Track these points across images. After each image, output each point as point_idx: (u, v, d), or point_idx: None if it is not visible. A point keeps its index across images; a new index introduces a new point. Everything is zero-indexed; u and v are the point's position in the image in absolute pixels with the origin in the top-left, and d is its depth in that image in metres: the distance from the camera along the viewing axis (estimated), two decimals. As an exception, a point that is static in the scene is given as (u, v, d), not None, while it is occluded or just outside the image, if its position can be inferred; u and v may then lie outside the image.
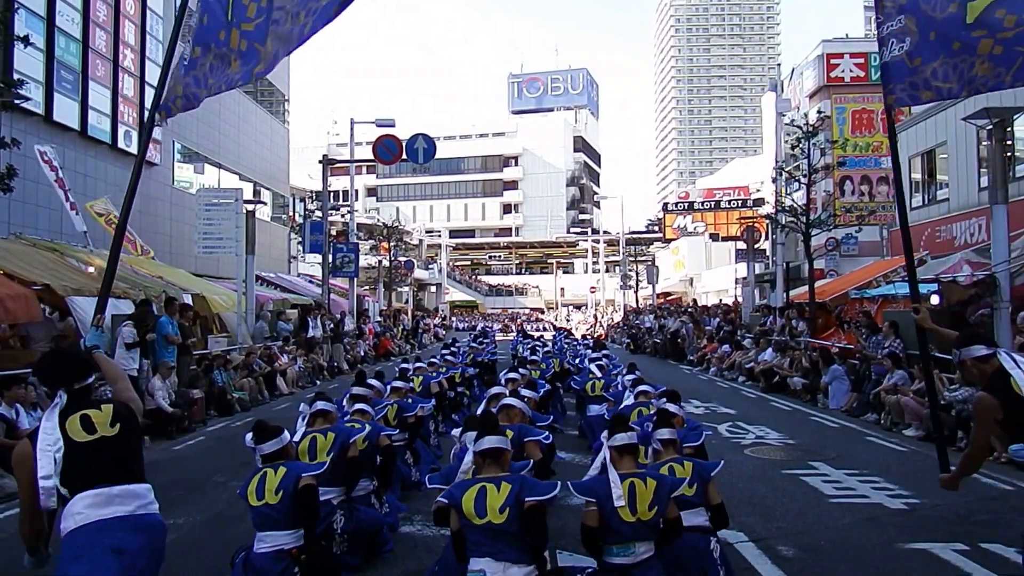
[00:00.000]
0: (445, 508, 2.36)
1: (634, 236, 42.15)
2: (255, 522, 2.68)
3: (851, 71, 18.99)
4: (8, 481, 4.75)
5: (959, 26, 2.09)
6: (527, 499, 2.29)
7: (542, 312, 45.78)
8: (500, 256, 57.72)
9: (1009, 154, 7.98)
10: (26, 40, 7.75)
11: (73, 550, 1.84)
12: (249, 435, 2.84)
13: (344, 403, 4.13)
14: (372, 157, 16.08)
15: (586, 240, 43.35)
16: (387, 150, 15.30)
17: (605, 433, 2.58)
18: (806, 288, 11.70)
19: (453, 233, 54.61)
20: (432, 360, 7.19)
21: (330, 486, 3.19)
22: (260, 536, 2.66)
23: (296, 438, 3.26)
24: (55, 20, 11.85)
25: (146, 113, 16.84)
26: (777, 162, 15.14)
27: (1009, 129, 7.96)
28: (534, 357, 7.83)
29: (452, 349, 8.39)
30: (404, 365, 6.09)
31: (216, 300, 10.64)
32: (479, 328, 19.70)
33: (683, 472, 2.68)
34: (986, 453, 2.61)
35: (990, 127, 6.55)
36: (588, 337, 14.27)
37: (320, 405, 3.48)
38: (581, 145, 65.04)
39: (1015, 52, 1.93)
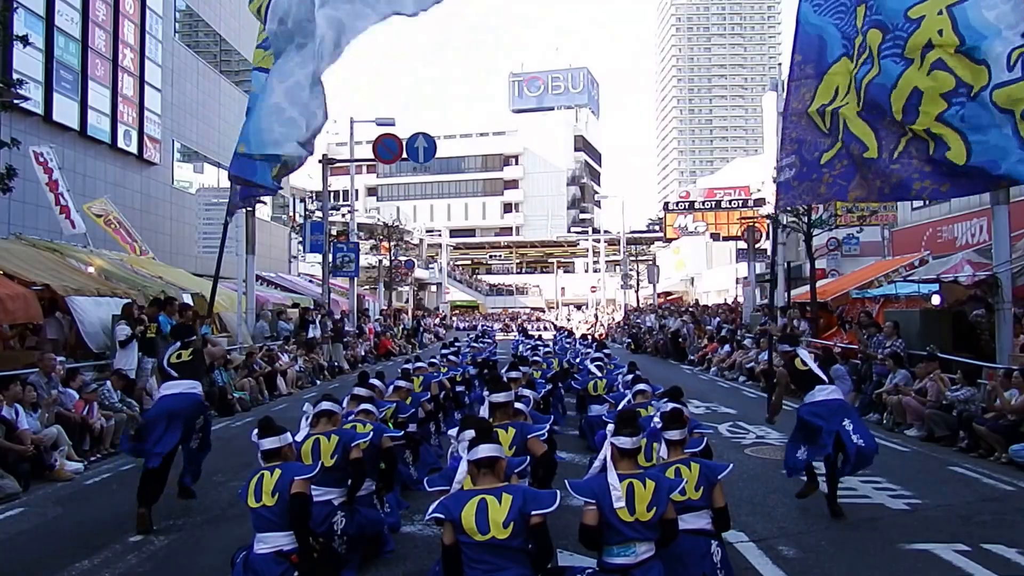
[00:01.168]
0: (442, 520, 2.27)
1: (635, 235, 42.11)
2: (254, 523, 2.68)
3: (852, 70, 18.81)
4: (8, 482, 4.75)
5: (817, 167, 3.75)
6: (533, 512, 2.22)
7: (543, 312, 45.71)
8: (500, 255, 57.64)
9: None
10: (25, 40, 7.74)
11: (155, 403, 4.36)
12: (256, 430, 2.85)
13: (345, 403, 4.13)
14: (372, 156, 16.06)
15: (587, 239, 43.33)
16: (387, 149, 15.27)
17: (610, 428, 2.53)
18: (807, 288, 11.68)
19: (453, 232, 54.55)
20: (432, 360, 7.18)
21: (331, 487, 3.18)
22: (259, 537, 2.66)
23: (299, 439, 3.24)
24: (54, 20, 11.84)
25: (146, 112, 16.88)
26: (778, 162, 15.03)
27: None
28: (535, 357, 7.81)
29: (453, 349, 8.38)
30: (406, 365, 6.09)
31: (216, 300, 10.61)
32: (479, 328, 19.65)
33: (689, 475, 2.64)
34: (781, 400, 4.57)
35: (992, 127, 6.49)
36: (588, 337, 14.25)
37: (325, 406, 3.46)
38: (582, 144, 64.97)
39: (845, 177, 3.55)
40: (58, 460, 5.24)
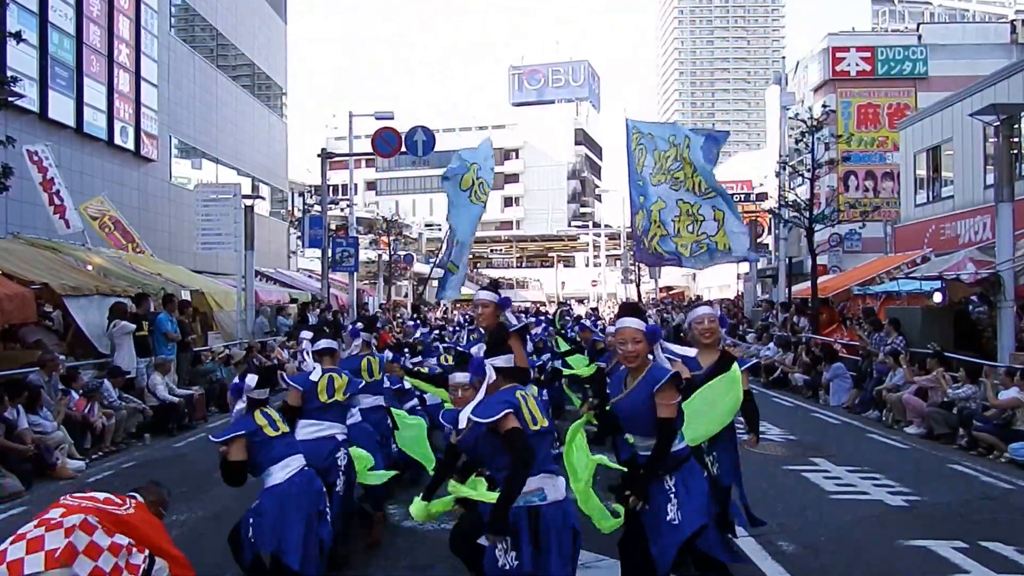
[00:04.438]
0: (504, 420, 2.12)
1: (635, 230, 41.79)
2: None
3: (857, 65, 18.77)
4: (11, 481, 4.76)
5: (647, 254, 5.89)
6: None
7: (543, 305, 45.74)
8: (501, 249, 57.56)
9: (1016, 151, 7.91)
10: (19, 36, 7.64)
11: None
12: (251, 378, 2.88)
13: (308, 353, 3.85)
14: (371, 150, 15.97)
15: (587, 234, 43.22)
16: (386, 143, 15.13)
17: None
18: (808, 284, 11.65)
19: (453, 227, 54.30)
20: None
21: (334, 421, 3.36)
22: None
23: (314, 377, 3.39)
24: (48, 16, 11.71)
25: (142, 108, 16.75)
26: (781, 156, 15.03)
27: (1016, 126, 7.88)
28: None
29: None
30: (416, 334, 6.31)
31: (212, 299, 10.60)
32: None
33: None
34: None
35: (997, 123, 6.47)
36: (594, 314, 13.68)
37: (324, 344, 3.59)
38: (582, 138, 64.61)
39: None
40: (60, 459, 5.26)
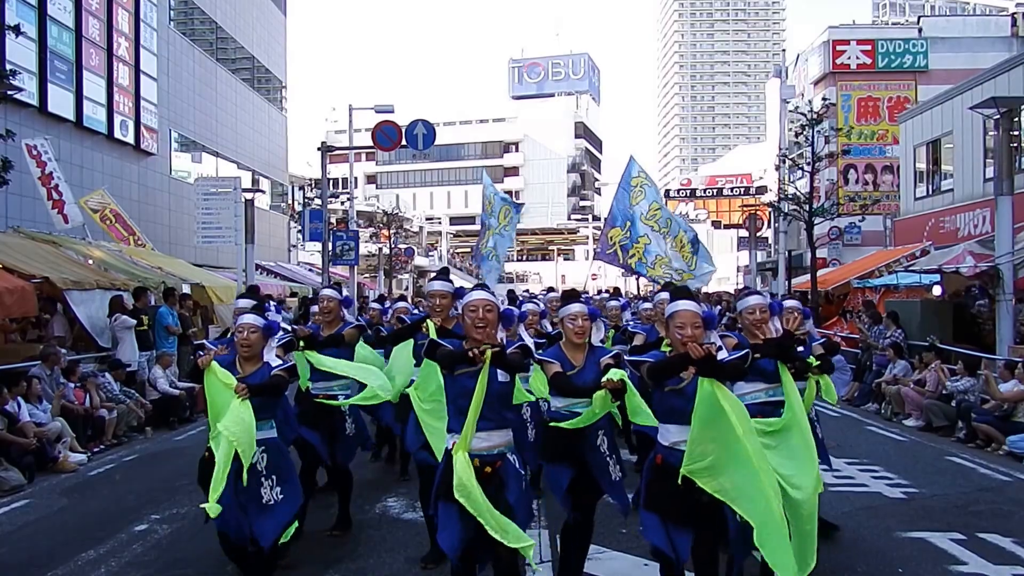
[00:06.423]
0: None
1: (635, 224, 41.79)
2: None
3: (857, 58, 18.66)
4: (13, 474, 4.79)
5: (615, 255, 6.53)
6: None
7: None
8: (501, 244, 57.36)
9: (1015, 145, 7.89)
10: (17, 29, 7.59)
11: None
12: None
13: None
14: (371, 144, 15.89)
15: (587, 227, 43.18)
16: (386, 136, 15.06)
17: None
18: (808, 277, 11.66)
19: (453, 220, 54.27)
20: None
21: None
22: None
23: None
24: (47, 9, 11.61)
25: (142, 102, 16.61)
26: (781, 150, 15.00)
27: (1016, 119, 7.85)
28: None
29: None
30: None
31: (213, 293, 10.60)
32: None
33: None
34: None
35: (997, 117, 6.45)
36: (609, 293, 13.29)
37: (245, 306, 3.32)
38: (582, 131, 64.35)
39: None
40: (62, 452, 5.29)
